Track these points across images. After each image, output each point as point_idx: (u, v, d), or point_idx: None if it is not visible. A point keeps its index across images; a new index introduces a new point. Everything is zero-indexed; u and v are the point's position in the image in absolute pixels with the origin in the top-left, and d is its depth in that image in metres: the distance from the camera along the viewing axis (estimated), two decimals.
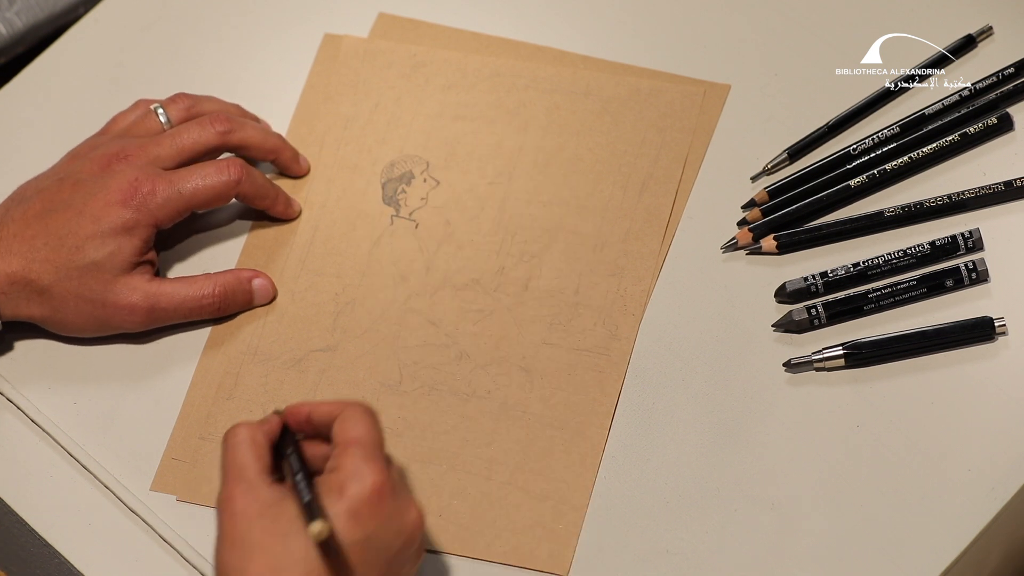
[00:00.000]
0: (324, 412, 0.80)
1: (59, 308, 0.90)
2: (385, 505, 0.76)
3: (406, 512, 0.78)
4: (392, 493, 0.77)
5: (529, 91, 0.99)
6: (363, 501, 0.75)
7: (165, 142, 0.93)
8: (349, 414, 0.79)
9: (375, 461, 0.77)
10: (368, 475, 0.76)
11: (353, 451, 0.77)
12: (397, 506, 0.77)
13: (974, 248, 0.90)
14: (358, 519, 0.75)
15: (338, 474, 0.76)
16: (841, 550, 0.83)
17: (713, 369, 0.89)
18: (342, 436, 0.78)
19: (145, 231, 0.91)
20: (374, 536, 0.76)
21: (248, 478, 0.77)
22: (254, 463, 0.78)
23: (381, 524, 0.76)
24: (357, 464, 0.76)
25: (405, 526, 0.77)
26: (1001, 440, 0.85)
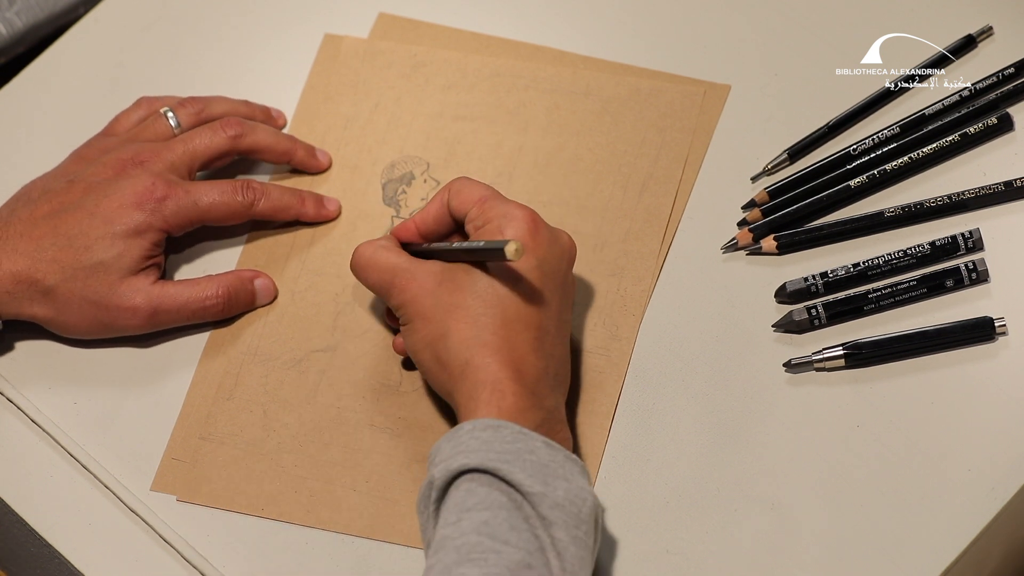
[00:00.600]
0: (431, 212, 0.87)
1: (62, 309, 0.90)
2: (542, 231, 0.84)
3: (560, 235, 0.85)
4: (542, 221, 0.84)
5: (529, 91, 0.99)
6: (526, 232, 0.83)
7: (178, 147, 0.93)
8: (459, 186, 0.86)
9: (514, 202, 0.85)
10: (516, 211, 0.84)
11: (490, 203, 0.85)
12: (551, 231, 0.84)
13: (974, 248, 0.90)
14: (527, 249, 0.82)
15: (491, 224, 0.84)
16: (841, 550, 0.83)
17: (713, 369, 0.89)
18: (469, 200, 0.85)
19: (155, 235, 0.91)
20: (544, 260, 0.83)
21: (405, 267, 0.85)
22: (399, 256, 0.86)
23: (546, 248, 0.83)
24: (501, 208, 0.84)
25: (565, 247, 0.85)
26: (1001, 440, 0.85)
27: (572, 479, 0.77)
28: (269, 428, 0.90)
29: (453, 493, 0.77)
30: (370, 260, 0.86)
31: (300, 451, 0.89)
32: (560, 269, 0.84)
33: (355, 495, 0.87)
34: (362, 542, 0.86)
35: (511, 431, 0.78)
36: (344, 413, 0.90)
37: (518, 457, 0.77)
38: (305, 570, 0.86)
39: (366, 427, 0.89)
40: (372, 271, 0.86)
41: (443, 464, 0.77)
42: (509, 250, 0.78)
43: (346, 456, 0.89)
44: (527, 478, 0.76)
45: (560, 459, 0.78)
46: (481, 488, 0.76)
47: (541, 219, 0.84)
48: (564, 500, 0.76)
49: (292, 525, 0.87)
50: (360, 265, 0.87)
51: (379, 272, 0.86)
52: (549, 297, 0.83)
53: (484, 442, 0.77)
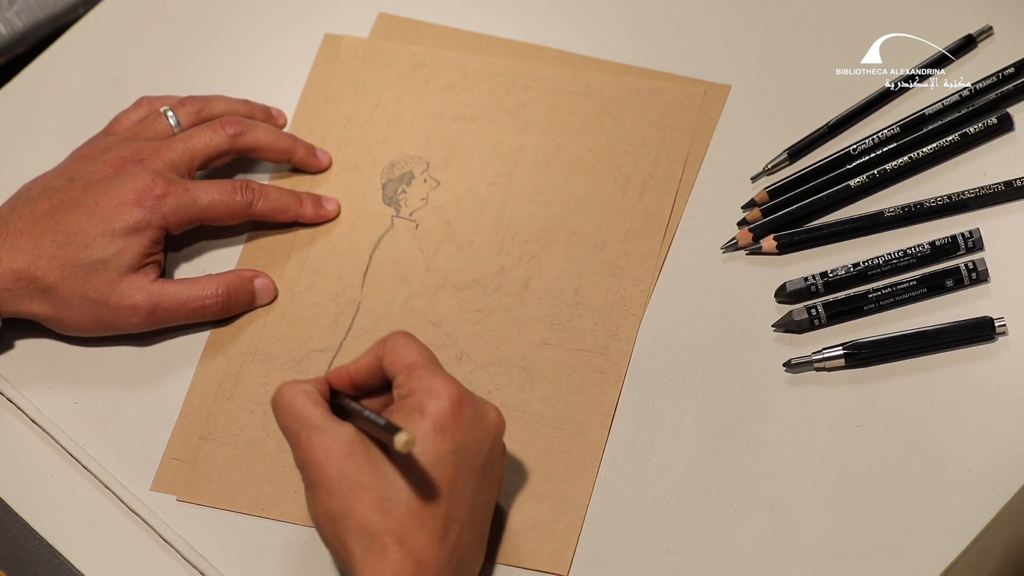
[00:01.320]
0: (364, 364, 0.82)
1: (62, 307, 0.90)
2: (466, 413, 0.79)
3: (485, 415, 0.80)
4: (469, 400, 0.79)
5: (529, 91, 0.99)
6: (445, 414, 0.78)
7: (177, 146, 0.93)
8: (394, 344, 0.81)
9: (442, 375, 0.80)
10: (442, 388, 0.79)
11: (418, 372, 0.79)
12: (476, 411, 0.79)
13: (974, 248, 0.90)
14: (445, 432, 0.78)
15: (413, 397, 0.79)
16: (841, 550, 0.83)
17: (713, 369, 0.89)
18: (399, 364, 0.80)
19: (154, 232, 0.91)
20: (463, 444, 0.78)
21: (318, 424, 0.79)
22: (315, 409, 0.80)
23: (467, 431, 0.78)
24: (427, 382, 0.79)
25: (489, 428, 0.80)
26: (1001, 440, 0.85)
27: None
28: (269, 428, 0.90)
29: None
30: (288, 404, 0.80)
31: None
32: (481, 452, 0.79)
33: None
34: None
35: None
36: None
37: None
38: (305, 570, 0.86)
39: None
40: (284, 415, 0.80)
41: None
42: (398, 441, 0.74)
43: None
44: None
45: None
46: None
47: (468, 397, 0.79)
48: None
49: (292, 525, 0.87)
50: (277, 405, 0.81)
51: (290, 419, 0.80)
52: (462, 484, 0.78)
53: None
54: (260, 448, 0.89)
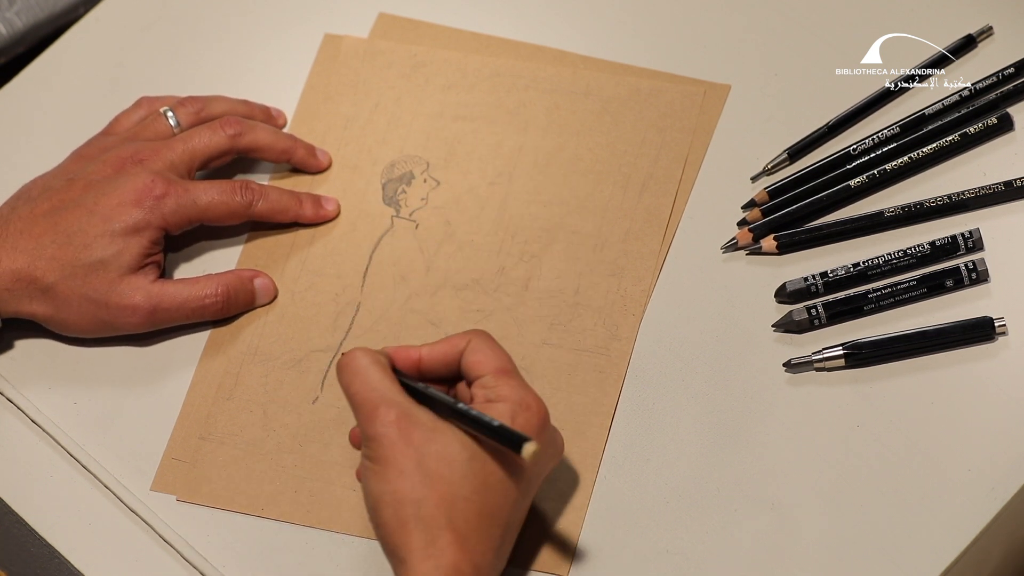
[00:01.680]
0: (439, 353, 0.82)
1: (62, 307, 0.90)
2: (548, 429, 0.80)
3: (557, 439, 0.82)
4: (549, 420, 0.80)
5: (529, 91, 0.99)
6: (534, 429, 0.79)
7: (177, 146, 0.93)
8: (480, 344, 0.81)
9: (531, 390, 0.80)
10: (534, 404, 0.79)
11: (509, 380, 0.80)
12: (552, 433, 0.81)
13: (974, 248, 0.90)
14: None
15: (503, 404, 0.79)
16: (841, 550, 0.83)
17: (713, 369, 0.89)
18: (488, 366, 0.80)
19: (154, 232, 0.91)
20: (541, 458, 0.79)
21: (398, 401, 0.78)
22: (392, 385, 0.79)
23: (546, 447, 0.80)
24: (519, 393, 0.79)
25: (558, 448, 0.82)
26: (1001, 440, 0.85)
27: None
28: (269, 428, 0.90)
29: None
30: (363, 372, 0.79)
31: (300, 451, 0.89)
32: (545, 471, 0.81)
33: (355, 495, 0.87)
34: (362, 542, 0.86)
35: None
36: (344, 413, 0.90)
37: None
38: (305, 570, 0.86)
39: None
40: (360, 384, 0.79)
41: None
42: (527, 451, 0.75)
43: (346, 456, 0.89)
44: None
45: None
46: None
47: (548, 417, 0.80)
48: None
49: (292, 525, 0.87)
50: (351, 370, 0.80)
51: (367, 389, 0.79)
52: (524, 499, 0.80)
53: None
54: (260, 448, 0.89)
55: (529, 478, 0.80)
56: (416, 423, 0.78)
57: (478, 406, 0.79)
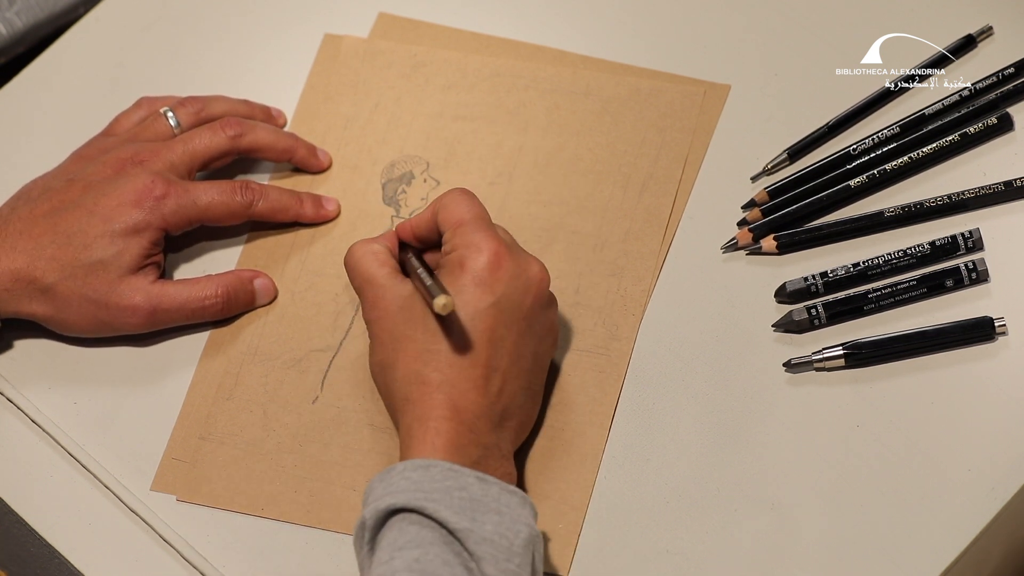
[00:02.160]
0: (425, 218, 0.87)
1: (62, 308, 0.90)
2: (505, 267, 0.83)
3: (527, 268, 0.84)
4: (509, 254, 0.83)
5: (529, 91, 0.99)
6: (484, 268, 0.82)
7: (177, 147, 0.93)
8: (447, 200, 0.86)
9: (485, 230, 0.84)
10: (483, 244, 0.83)
11: (463, 229, 0.84)
12: (517, 264, 0.83)
13: (974, 248, 0.90)
14: (484, 286, 0.82)
15: (455, 253, 0.84)
16: (841, 550, 0.83)
17: (713, 369, 0.89)
18: (449, 220, 0.85)
19: (154, 233, 0.91)
20: (503, 297, 0.82)
21: (379, 282, 0.85)
22: (380, 268, 0.85)
23: (507, 284, 0.83)
24: (469, 238, 0.83)
25: (531, 281, 0.84)
26: (1001, 440, 0.85)
27: (506, 511, 0.77)
28: (269, 428, 0.90)
29: (386, 532, 0.77)
30: (356, 263, 0.86)
31: (300, 451, 0.89)
32: (522, 304, 0.83)
33: (355, 495, 0.87)
34: None
35: (441, 469, 0.78)
36: (344, 413, 0.90)
37: (446, 495, 0.77)
38: (305, 570, 0.86)
39: (366, 427, 0.89)
40: (354, 274, 0.86)
41: (373, 504, 0.77)
42: (437, 304, 0.79)
43: (346, 456, 0.89)
44: (453, 515, 0.76)
45: (494, 492, 0.78)
46: (411, 527, 0.76)
47: (508, 252, 0.83)
48: (493, 534, 0.76)
49: (292, 525, 0.87)
50: (347, 263, 0.87)
51: (359, 278, 0.86)
52: (503, 335, 0.82)
53: (413, 482, 0.77)
54: (260, 448, 0.89)
55: (497, 314, 0.82)
56: (393, 297, 0.84)
57: (441, 262, 0.84)
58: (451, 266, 0.83)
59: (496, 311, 0.82)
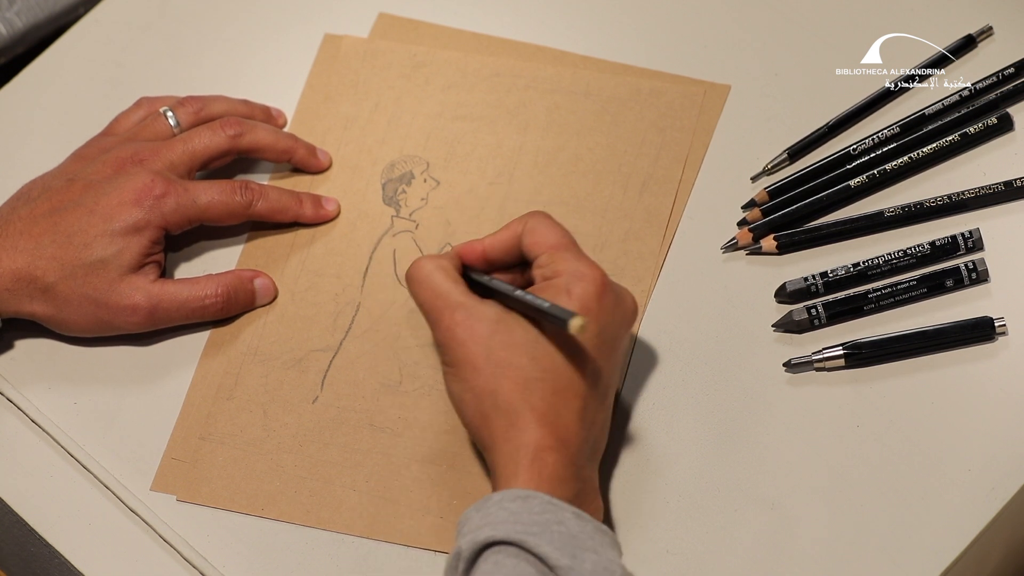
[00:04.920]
0: (500, 240, 0.85)
1: (62, 307, 0.90)
2: (609, 297, 0.81)
3: (625, 298, 0.82)
4: (610, 284, 0.81)
5: (529, 91, 0.99)
6: (591, 297, 0.80)
7: (177, 147, 0.93)
8: (535, 225, 0.83)
9: (587, 259, 0.82)
10: (587, 272, 0.81)
11: (564, 254, 0.82)
12: (617, 295, 0.82)
13: (974, 248, 0.90)
14: (589, 315, 0.80)
15: (559, 279, 0.81)
16: (841, 550, 0.83)
17: (713, 369, 0.89)
18: (543, 244, 0.83)
19: (154, 232, 0.91)
20: (605, 327, 0.81)
21: (461, 302, 0.81)
22: (456, 286, 0.82)
23: (608, 315, 0.81)
24: (574, 265, 0.81)
25: (627, 313, 0.82)
26: (1001, 440, 0.85)
27: (601, 551, 0.76)
28: (269, 428, 0.90)
29: (481, 564, 0.75)
30: (426, 280, 0.82)
31: (300, 451, 0.89)
32: (619, 335, 0.82)
33: (355, 495, 0.88)
34: (362, 542, 0.86)
35: (540, 502, 0.76)
36: (344, 413, 0.90)
37: (546, 529, 0.75)
38: (305, 570, 0.86)
39: (366, 427, 0.89)
40: (426, 292, 0.82)
41: (470, 535, 0.76)
42: (574, 325, 0.77)
43: (346, 456, 0.89)
44: (554, 551, 0.74)
45: (590, 530, 0.76)
46: (509, 560, 0.75)
47: (610, 282, 0.81)
48: (591, 573, 0.75)
49: (292, 525, 0.87)
50: (415, 279, 0.83)
51: (432, 297, 0.82)
52: (603, 365, 0.81)
53: (512, 513, 0.76)
54: (260, 448, 0.89)
55: (599, 345, 0.80)
56: (481, 318, 0.80)
57: (537, 286, 0.82)
58: (554, 291, 0.80)
59: (599, 341, 0.80)
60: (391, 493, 0.87)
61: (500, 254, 0.85)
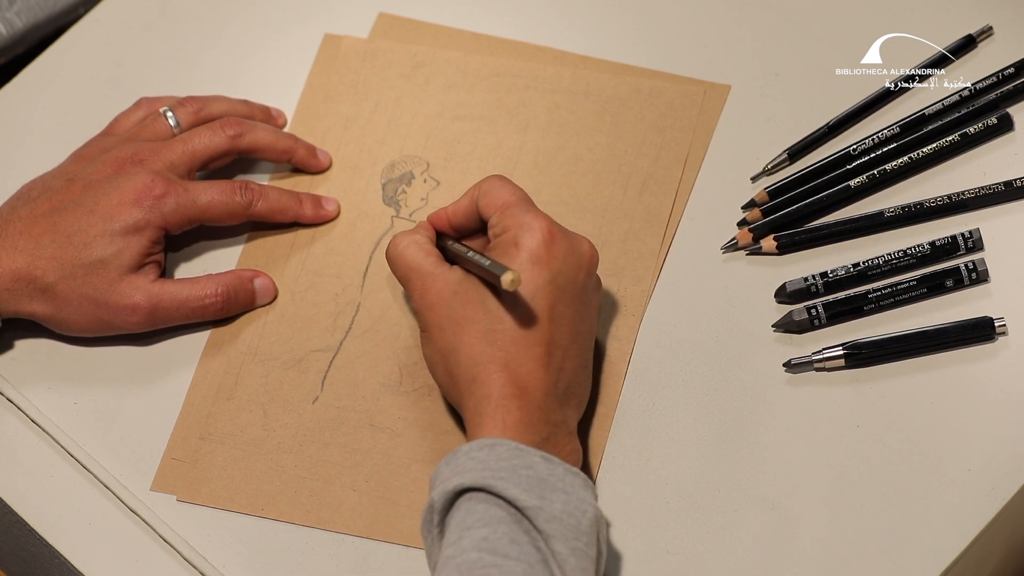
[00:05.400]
0: (462, 207, 0.88)
1: (62, 307, 0.90)
2: (559, 243, 0.83)
3: (579, 245, 0.84)
4: (561, 232, 0.84)
5: (529, 91, 0.99)
6: (540, 244, 0.82)
7: (177, 147, 0.93)
8: (488, 186, 0.86)
9: (535, 210, 0.84)
10: (535, 223, 0.83)
11: (512, 210, 0.84)
12: (569, 241, 0.84)
13: (974, 248, 0.90)
14: (540, 263, 0.82)
15: (507, 234, 0.84)
16: (841, 550, 0.83)
17: (713, 369, 0.89)
18: (494, 204, 0.86)
19: (154, 232, 0.91)
20: (559, 273, 0.83)
21: (429, 270, 0.85)
22: (426, 257, 0.86)
23: (562, 261, 0.83)
24: (520, 218, 0.84)
25: (583, 257, 0.84)
26: (1001, 440, 0.85)
27: (572, 492, 0.78)
28: (269, 428, 0.90)
29: (454, 513, 0.77)
30: (400, 254, 0.86)
31: (300, 451, 0.89)
32: (577, 280, 0.83)
33: (355, 495, 0.88)
34: (362, 542, 0.86)
35: (507, 448, 0.78)
36: (344, 413, 0.90)
37: (513, 473, 0.77)
38: (305, 570, 0.86)
39: (366, 427, 0.89)
40: (399, 265, 0.86)
41: (441, 486, 0.78)
42: (505, 280, 0.79)
43: (346, 456, 0.89)
44: (522, 492, 0.76)
45: (559, 472, 0.78)
46: (479, 505, 0.77)
47: (560, 230, 0.83)
48: (562, 513, 0.77)
49: (292, 525, 0.87)
50: (392, 256, 0.87)
51: (404, 268, 0.86)
52: (563, 311, 0.82)
53: (480, 461, 0.77)
54: (260, 448, 0.89)
55: (554, 291, 0.82)
56: (446, 282, 0.84)
57: (491, 244, 0.84)
58: (504, 246, 0.83)
59: (554, 287, 0.82)
60: (391, 493, 0.87)
61: (463, 219, 0.88)
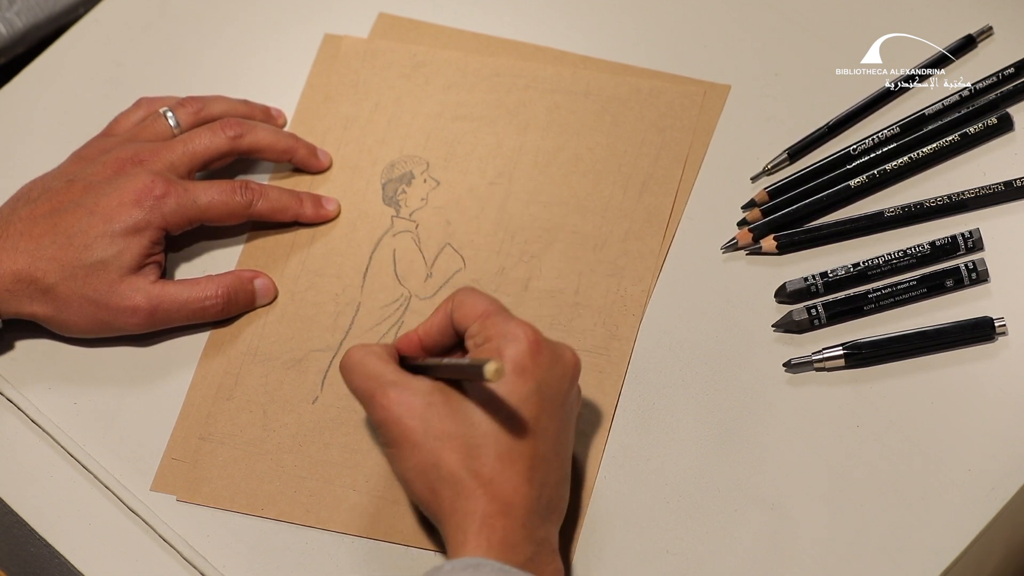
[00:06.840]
0: (435, 324, 0.83)
1: (62, 308, 0.90)
2: (544, 352, 0.79)
3: (563, 353, 0.81)
4: (545, 341, 0.80)
5: (529, 91, 0.99)
6: (525, 354, 0.79)
7: (177, 147, 0.93)
8: (463, 298, 0.82)
9: (516, 319, 0.81)
10: (519, 332, 0.79)
11: (493, 319, 0.81)
12: (553, 350, 0.80)
13: (974, 248, 0.90)
14: (525, 373, 0.79)
15: (490, 343, 0.80)
16: (841, 550, 0.83)
17: (713, 369, 0.89)
18: (472, 314, 0.81)
19: (154, 233, 0.91)
20: (544, 383, 0.79)
21: (392, 380, 0.80)
22: (386, 366, 0.81)
23: (547, 370, 0.79)
24: (503, 327, 0.80)
25: (567, 366, 0.81)
26: (1001, 440, 0.85)
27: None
28: (269, 428, 0.90)
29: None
30: (358, 365, 0.81)
31: (300, 451, 0.89)
32: (561, 391, 0.80)
33: (355, 495, 0.88)
34: (362, 542, 0.87)
35: (491, 569, 0.75)
36: (344, 413, 0.90)
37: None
38: (305, 570, 0.86)
39: (366, 427, 0.89)
40: (355, 376, 0.81)
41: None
42: (488, 370, 0.74)
43: (346, 456, 0.89)
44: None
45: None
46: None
47: (544, 339, 0.80)
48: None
49: (292, 525, 0.87)
50: (346, 367, 0.82)
51: (365, 379, 0.81)
52: (547, 423, 0.79)
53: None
54: (260, 448, 0.89)
55: (539, 403, 0.79)
56: (415, 392, 0.79)
57: (471, 355, 0.80)
58: (486, 355, 0.79)
59: (539, 398, 0.79)
60: (391, 493, 0.87)
61: (437, 337, 0.84)
